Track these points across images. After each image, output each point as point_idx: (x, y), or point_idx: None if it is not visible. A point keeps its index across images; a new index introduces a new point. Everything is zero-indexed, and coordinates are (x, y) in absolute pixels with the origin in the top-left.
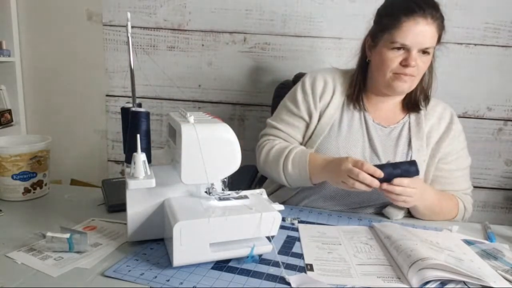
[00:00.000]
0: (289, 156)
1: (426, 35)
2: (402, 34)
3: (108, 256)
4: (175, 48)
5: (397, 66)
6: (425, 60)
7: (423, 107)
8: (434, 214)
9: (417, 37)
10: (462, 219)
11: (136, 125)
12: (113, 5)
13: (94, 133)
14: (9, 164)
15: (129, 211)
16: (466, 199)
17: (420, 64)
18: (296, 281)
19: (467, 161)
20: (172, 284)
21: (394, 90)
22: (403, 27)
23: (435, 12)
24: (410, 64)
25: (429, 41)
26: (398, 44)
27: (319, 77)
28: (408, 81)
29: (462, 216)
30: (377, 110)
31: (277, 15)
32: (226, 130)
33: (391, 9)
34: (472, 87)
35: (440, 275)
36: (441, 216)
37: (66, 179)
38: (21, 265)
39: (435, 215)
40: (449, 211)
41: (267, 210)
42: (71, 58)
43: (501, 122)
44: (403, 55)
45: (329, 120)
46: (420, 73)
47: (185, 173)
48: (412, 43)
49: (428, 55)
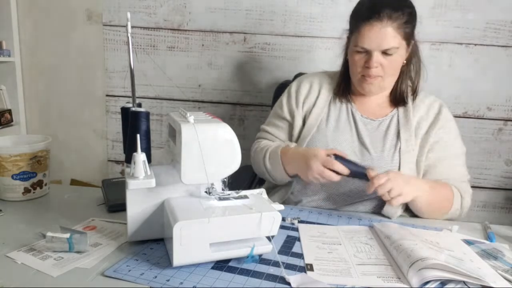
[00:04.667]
0: (267, 154)
1: (383, 37)
2: (361, 39)
3: (108, 256)
4: (175, 48)
5: (362, 68)
6: (391, 60)
7: (411, 101)
8: (432, 205)
9: (375, 40)
10: (461, 208)
11: (136, 125)
12: (113, 5)
13: (94, 133)
14: (9, 164)
15: (129, 211)
16: (462, 186)
17: (385, 64)
18: (296, 281)
19: (459, 150)
20: (172, 284)
21: (363, 90)
22: (361, 31)
23: (393, 12)
24: (371, 66)
25: (389, 42)
26: (359, 48)
27: (305, 81)
28: (374, 82)
29: (460, 204)
30: (364, 105)
31: (277, 15)
32: (226, 130)
33: (354, 13)
34: (472, 87)
35: (440, 275)
36: (439, 205)
37: (66, 179)
38: (21, 265)
39: (433, 206)
40: (446, 198)
41: (267, 210)
42: (71, 58)
43: (501, 122)
44: (366, 57)
45: (317, 118)
46: (389, 72)
47: (185, 173)
48: (371, 46)
49: (392, 56)
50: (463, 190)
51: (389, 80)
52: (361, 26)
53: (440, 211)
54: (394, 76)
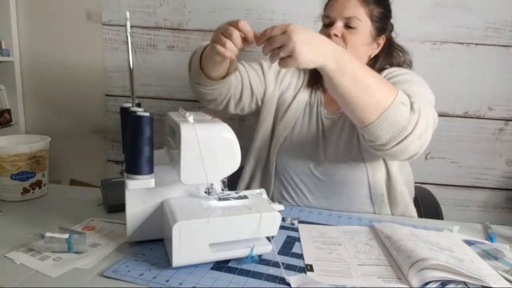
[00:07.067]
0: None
1: (346, 5)
2: (327, 8)
3: (107, 257)
4: (175, 47)
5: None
6: (352, 33)
7: None
8: (358, 84)
9: (338, 8)
10: (411, 110)
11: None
12: (112, 5)
13: (93, 133)
14: (8, 164)
15: (128, 211)
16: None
17: (347, 37)
18: (296, 281)
19: (413, 82)
20: (172, 284)
21: None
22: (330, 2)
23: None
24: (331, 32)
25: (351, 11)
26: (326, 20)
27: (291, 71)
28: None
29: (409, 104)
30: (331, 100)
31: (277, 15)
32: (226, 130)
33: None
34: (473, 87)
35: (440, 275)
36: (371, 88)
37: (65, 179)
38: (20, 265)
39: (361, 86)
40: (382, 81)
41: (267, 210)
42: (71, 57)
43: (502, 122)
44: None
45: (292, 118)
46: (349, 49)
47: (184, 173)
48: (334, 13)
49: (354, 29)
50: (412, 95)
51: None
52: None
53: (375, 97)
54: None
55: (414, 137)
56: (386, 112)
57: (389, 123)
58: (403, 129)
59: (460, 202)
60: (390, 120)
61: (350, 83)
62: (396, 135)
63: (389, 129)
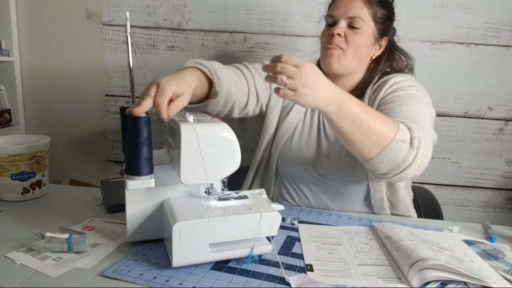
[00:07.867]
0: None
1: (351, 5)
2: (331, 8)
3: (107, 257)
4: (175, 47)
5: (327, 38)
6: (355, 33)
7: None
8: (360, 126)
9: (343, 7)
10: (411, 145)
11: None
12: (112, 5)
13: (94, 133)
14: (8, 164)
15: (129, 211)
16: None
17: (349, 36)
18: (296, 281)
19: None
20: (172, 284)
21: (327, 67)
22: (334, 2)
23: None
24: (335, 32)
25: (355, 11)
26: (330, 19)
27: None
28: (335, 53)
29: (409, 139)
30: None
31: (277, 15)
32: (226, 129)
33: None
34: (473, 87)
35: (440, 275)
36: (373, 129)
37: (65, 179)
38: (20, 265)
39: (363, 128)
40: (384, 121)
41: (267, 210)
42: (70, 57)
43: (502, 122)
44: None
45: (294, 120)
46: (351, 49)
47: (184, 173)
48: (338, 13)
49: (357, 29)
50: (413, 127)
51: (349, 59)
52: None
53: (376, 138)
54: (355, 57)
55: (413, 168)
56: (385, 150)
57: (388, 158)
58: (401, 163)
59: (460, 202)
60: (389, 156)
61: (351, 125)
62: (395, 168)
63: (387, 163)
